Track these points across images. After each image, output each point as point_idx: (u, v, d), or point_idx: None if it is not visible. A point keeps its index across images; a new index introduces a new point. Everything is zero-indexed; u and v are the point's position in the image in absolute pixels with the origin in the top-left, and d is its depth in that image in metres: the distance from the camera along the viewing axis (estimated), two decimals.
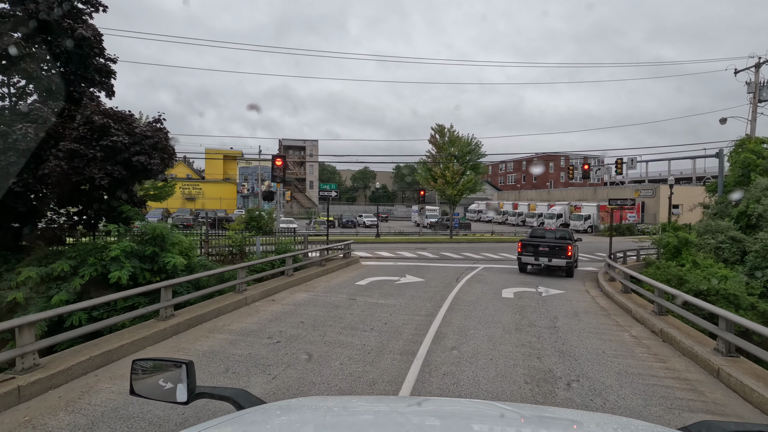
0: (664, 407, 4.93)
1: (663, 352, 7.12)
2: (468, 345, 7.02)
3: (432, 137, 34.05)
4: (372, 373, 5.70)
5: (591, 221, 47.08)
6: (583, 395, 5.18)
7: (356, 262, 17.46)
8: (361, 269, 15.94)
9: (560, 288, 13.25)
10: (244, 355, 6.37)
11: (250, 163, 72.84)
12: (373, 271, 15.41)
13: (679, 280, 16.76)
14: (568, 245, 15.43)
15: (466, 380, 5.53)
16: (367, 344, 6.97)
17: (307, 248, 16.72)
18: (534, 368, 6.03)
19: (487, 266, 18.31)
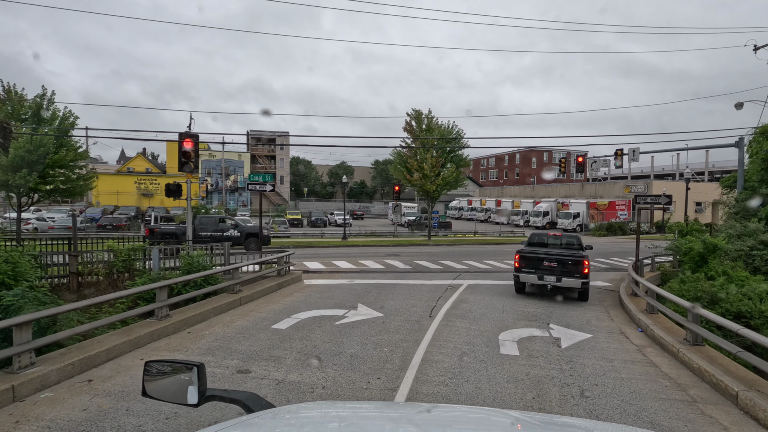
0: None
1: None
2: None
3: (407, 124, 29.66)
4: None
5: (580, 219, 43.69)
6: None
7: (296, 281, 12.89)
8: (296, 294, 11.39)
9: (582, 326, 9.01)
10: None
11: (213, 156, 67.08)
12: (312, 299, 10.89)
13: (711, 297, 13.01)
14: (583, 259, 11.25)
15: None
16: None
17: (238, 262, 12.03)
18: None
19: (473, 282, 14.02)
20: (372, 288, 12.47)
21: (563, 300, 11.85)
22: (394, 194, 31.52)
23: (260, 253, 13.67)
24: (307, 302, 10.35)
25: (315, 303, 10.30)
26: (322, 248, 25.06)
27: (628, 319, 9.88)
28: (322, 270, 15.79)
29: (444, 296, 11.61)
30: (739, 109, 24.14)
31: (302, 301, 10.52)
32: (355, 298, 11.00)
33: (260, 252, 13.81)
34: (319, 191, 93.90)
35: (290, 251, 13.23)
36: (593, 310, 10.77)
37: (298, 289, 12.03)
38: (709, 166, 78.83)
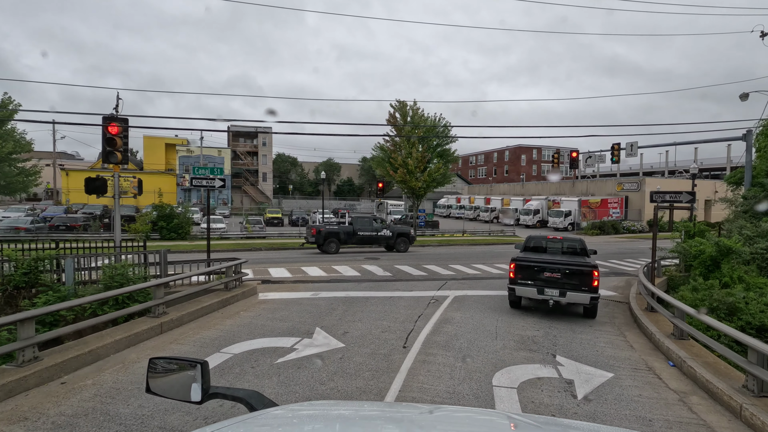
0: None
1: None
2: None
3: (391, 116, 27.58)
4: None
5: (572, 218, 42.15)
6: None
7: (248, 295, 10.72)
8: (242, 315, 9.24)
9: (597, 359, 7.05)
10: None
11: (191, 152, 64.13)
12: (260, 321, 8.75)
13: (728, 308, 11.30)
14: (592, 269, 9.31)
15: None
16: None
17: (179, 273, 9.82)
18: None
19: (460, 294, 12.03)
20: (339, 303, 10.37)
21: (566, 316, 9.92)
22: (378, 191, 29.45)
23: (208, 262, 11.45)
24: (252, 327, 8.21)
25: (261, 328, 8.16)
26: (294, 251, 22.87)
27: (651, 345, 7.96)
28: (285, 279, 13.63)
29: (425, 314, 9.57)
30: (744, 100, 22.59)
31: (246, 324, 8.37)
32: (315, 318, 8.89)
33: (208, 260, 11.60)
34: (305, 189, 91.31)
35: (241, 260, 11.05)
36: (605, 331, 8.84)
37: (247, 306, 9.87)
38: (697, 163, 78.31)
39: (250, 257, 19.23)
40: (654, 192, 10.06)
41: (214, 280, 10.76)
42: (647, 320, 9.15)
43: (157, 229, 26.34)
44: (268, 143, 72.85)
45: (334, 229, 21.96)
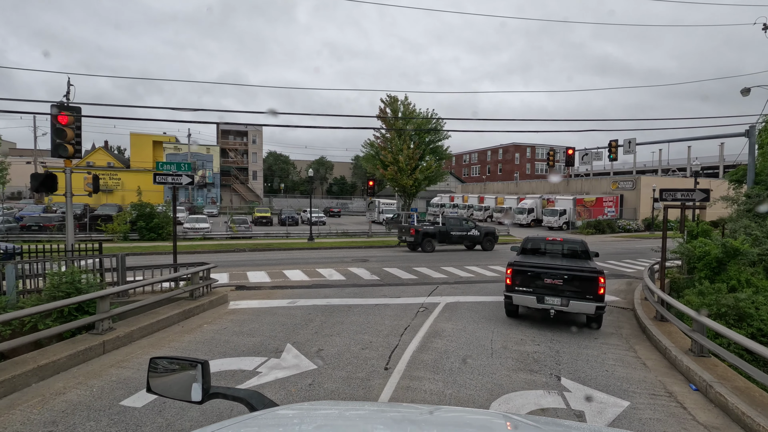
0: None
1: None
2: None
3: (381, 112, 26.57)
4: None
5: (567, 216, 41.42)
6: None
7: (216, 304, 9.66)
8: (205, 328, 8.19)
9: (608, 381, 6.10)
10: None
11: (179, 150, 62.61)
12: (224, 336, 7.71)
13: (737, 313, 10.46)
14: (598, 275, 8.37)
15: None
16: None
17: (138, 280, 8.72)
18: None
19: (452, 300, 11.06)
20: (318, 313, 9.35)
21: (568, 326, 8.99)
22: (368, 189, 28.41)
23: (173, 267, 10.35)
24: (213, 344, 7.16)
25: (224, 345, 7.12)
26: (282, 252, 21.78)
27: (666, 363, 7.03)
28: (262, 284, 12.56)
29: (413, 326, 8.58)
30: (746, 95, 21.84)
31: (207, 341, 7.32)
32: (288, 332, 7.87)
33: (175, 265, 10.49)
34: (297, 188, 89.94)
35: (209, 265, 9.97)
36: (612, 345, 7.91)
37: (213, 317, 8.80)
38: (691, 161, 78.16)
39: (231, 259, 18.18)
40: (664, 190, 9.16)
41: (181, 286, 9.67)
42: (658, 331, 8.25)
43: (136, 229, 25.09)
44: (258, 141, 71.47)
45: (431, 229, 22.67)
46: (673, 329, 8.54)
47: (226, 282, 12.64)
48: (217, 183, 64.29)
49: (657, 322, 9.11)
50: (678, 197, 8.96)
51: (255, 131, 70.56)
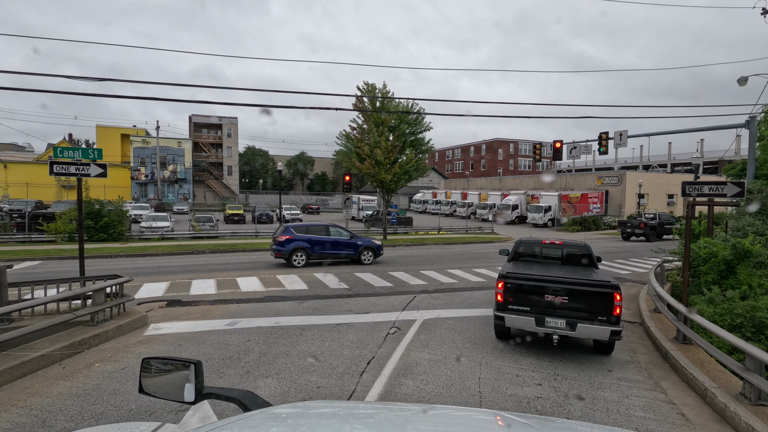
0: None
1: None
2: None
3: (358, 101, 24.51)
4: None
5: (551, 213, 40.22)
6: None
7: (133, 328, 7.54)
8: (98, 368, 6.11)
9: None
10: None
11: (148, 144, 59.17)
12: (115, 383, 5.65)
13: (755, 325, 8.91)
14: (612, 291, 6.61)
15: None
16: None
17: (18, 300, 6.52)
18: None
19: (431, 316, 9.21)
20: (260, 339, 7.35)
21: (571, 351, 7.25)
22: (344, 185, 26.38)
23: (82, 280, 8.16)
24: (90, 399, 5.09)
25: (108, 399, 5.06)
26: (245, 254, 19.60)
27: (711, 412, 5.29)
28: (203, 298, 10.43)
29: (379, 357, 6.67)
30: (743, 85, 20.56)
31: (85, 393, 5.24)
32: (210, 373, 5.84)
33: (82, 278, 8.29)
34: (276, 184, 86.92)
35: (122, 279, 7.83)
36: (633, 382, 6.16)
37: (116, 350, 6.69)
38: (670, 158, 78.50)
39: (183, 263, 15.96)
40: (688, 183, 7.49)
41: (84, 307, 7.52)
42: (686, 361, 6.54)
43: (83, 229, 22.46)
44: (233, 134, 68.37)
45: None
46: (703, 356, 6.86)
47: (158, 295, 10.48)
48: (189, 179, 61.08)
49: (679, 345, 7.43)
50: (706, 192, 7.30)
51: (230, 124, 67.48)
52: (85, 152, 8.11)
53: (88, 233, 22.52)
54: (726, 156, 47.00)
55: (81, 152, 8.10)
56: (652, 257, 20.32)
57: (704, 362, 6.57)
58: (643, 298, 11.57)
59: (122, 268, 14.57)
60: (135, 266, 15.27)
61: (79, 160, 8.06)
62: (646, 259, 20.32)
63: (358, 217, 43.05)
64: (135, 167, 57.86)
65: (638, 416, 5.08)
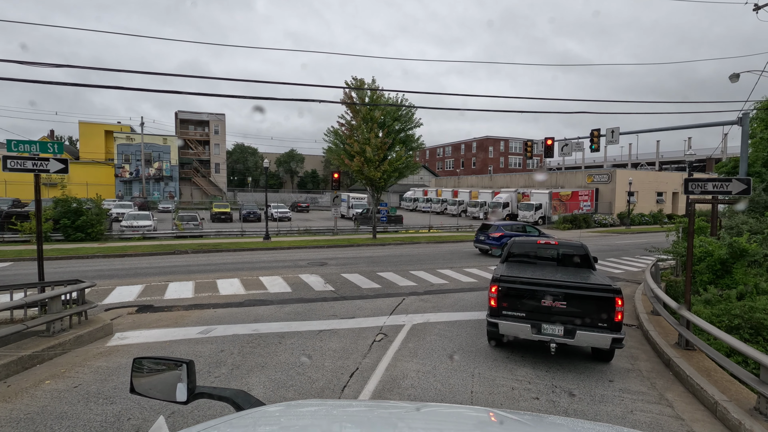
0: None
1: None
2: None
3: (347, 96, 23.89)
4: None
5: (542, 211, 40.04)
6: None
7: (95, 338, 6.90)
8: (48, 386, 5.48)
9: None
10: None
11: (132, 140, 57.77)
12: (63, 406, 5.04)
13: (753, 326, 8.62)
14: (614, 296, 6.17)
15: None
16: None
17: None
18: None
19: (420, 321, 8.71)
20: (234, 350, 6.76)
21: (569, 359, 6.80)
22: (333, 183, 25.79)
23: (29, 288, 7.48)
24: (35, 424, 4.48)
25: (52, 425, 4.46)
26: (230, 254, 18.92)
27: (722, 428, 4.86)
28: (177, 303, 9.78)
29: (363, 369, 6.14)
30: (735, 81, 20.40)
31: (27, 418, 4.62)
32: None
33: (41, 283, 7.60)
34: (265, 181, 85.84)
35: (84, 284, 7.17)
36: (636, 394, 5.72)
37: (72, 364, 6.06)
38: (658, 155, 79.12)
39: (163, 264, 15.24)
40: (690, 180, 7.07)
41: (42, 314, 6.86)
42: (692, 370, 6.13)
43: (59, 228, 21.59)
44: (221, 131, 67.14)
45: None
46: (708, 364, 6.46)
47: (129, 300, 9.82)
48: (176, 176, 59.80)
49: (682, 352, 7.03)
50: (709, 189, 6.89)
51: (217, 121, 66.28)
52: (44, 146, 7.43)
53: (65, 233, 21.62)
54: (714, 155, 47.29)
55: (39, 146, 7.41)
56: (644, 255, 20.10)
57: (710, 371, 6.16)
58: (639, 299, 11.21)
59: (97, 270, 13.84)
60: (111, 268, 14.53)
61: (37, 154, 7.37)
62: (638, 257, 20.11)
63: (348, 216, 42.45)
64: (119, 164, 56.48)
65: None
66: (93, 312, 7.73)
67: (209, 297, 10.39)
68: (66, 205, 21.93)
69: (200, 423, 1.27)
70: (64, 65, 8.92)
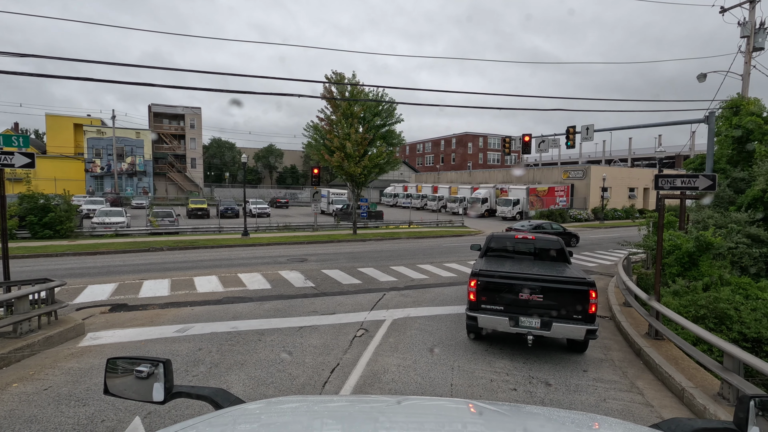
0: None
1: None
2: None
3: (327, 90, 23.68)
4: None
5: (520, 206, 40.76)
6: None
7: (66, 338, 6.66)
8: (16, 389, 5.29)
9: None
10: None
11: (104, 134, 55.81)
12: (32, 408, 4.87)
13: (717, 316, 9.04)
14: (588, 288, 6.35)
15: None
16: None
17: None
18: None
19: (401, 316, 8.77)
20: (213, 348, 6.66)
21: (545, 350, 6.98)
22: (313, 178, 25.55)
23: (5, 286, 7.17)
24: (2, 429, 4.33)
25: (20, 430, 4.31)
26: (207, 250, 18.56)
27: (689, 413, 5.10)
28: (152, 301, 9.55)
29: (344, 365, 6.15)
30: (702, 81, 21.22)
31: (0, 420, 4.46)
32: None
33: (6, 283, 7.29)
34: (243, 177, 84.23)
35: (53, 283, 6.91)
36: (609, 383, 5.92)
37: (42, 366, 5.85)
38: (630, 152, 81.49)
39: (137, 262, 14.82)
40: (660, 176, 7.34)
41: (8, 315, 6.58)
42: (660, 358, 6.39)
43: (25, 225, 20.72)
44: (197, 125, 65.53)
45: None
46: (676, 353, 6.74)
47: (102, 299, 9.52)
48: (150, 171, 58.15)
49: (652, 341, 7.31)
50: (678, 185, 7.17)
51: (193, 114, 64.65)
52: (8, 139, 7.09)
53: (32, 230, 20.76)
54: (682, 152, 49.05)
55: (3, 139, 7.07)
56: (617, 249, 20.76)
57: (678, 359, 6.43)
58: (612, 291, 11.58)
59: (67, 268, 13.37)
60: (82, 266, 14.05)
61: (0, 148, 7.04)
62: (611, 251, 20.74)
63: (328, 211, 42.21)
64: (89, 159, 54.50)
65: None
66: (63, 312, 7.47)
67: (186, 295, 10.18)
68: (32, 201, 21.04)
69: (178, 423, 1.25)
70: (23, 54, 8.52)
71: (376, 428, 1.26)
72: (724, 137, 18.97)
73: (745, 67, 19.22)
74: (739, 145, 18.27)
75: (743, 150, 18.25)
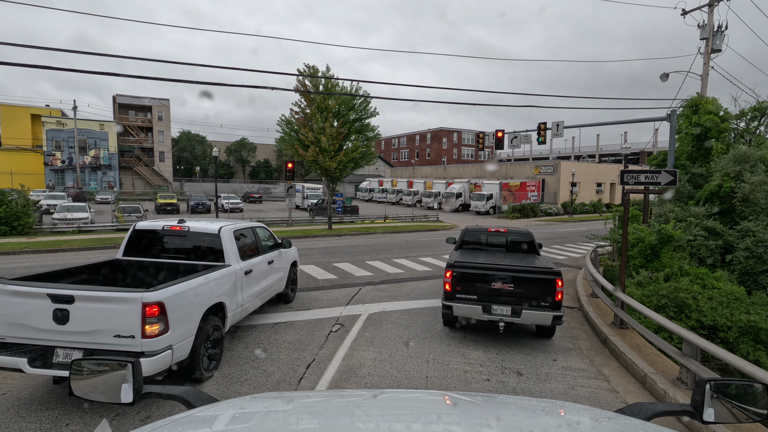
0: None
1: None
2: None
3: (300, 83, 23.33)
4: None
5: (493, 201, 41.54)
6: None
7: None
8: None
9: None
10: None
11: (64, 126, 53.14)
12: None
13: (677, 305, 9.58)
14: (555, 277, 6.57)
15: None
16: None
17: None
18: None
19: (377, 310, 8.80)
20: None
21: (517, 338, 7.18)
22: (287, 173, 25.18)
23: None
24: None
25: None
26: None
27: (651, 398, 5.37)
28: None
29: (320, 360, 6.13)
30: (665, 81, 22.12)
31: None
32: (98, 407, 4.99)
33: None
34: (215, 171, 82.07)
35: None
36: (577, 371, 6.15)
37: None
38: (598, 149, 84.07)
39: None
40: (625, 171, 7.65)
41: None
42: (625, 347, 6.68)
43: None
44: (165, 117, 63.30)
45: None
46: (639, 341, 7.07)
47: None
48: (115, 165, 55.83)
49: (617, 330, 7.63)
50: (642, 180, 7.49)
51: (161, 106, 62.41)
52: None
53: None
54: (646, 148, 51.03)
55: None
56: (585, 242, 21.50)
57: (641, 347, 6.74)
58: (580, 283, 11.99)
59: (25, 267, 12.72)
60: (43, 264, 13.40)
61: None
62: (579, 244, 21.43)
63: (303, 206, 41.82)
64: (49, 152, 51.81)
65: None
66: None
67: None
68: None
69: (148, 423, 1.22)
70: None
71: (352, 422, 1.26)
72: (685, 135, 19.88)
73: (704, 67, 20.09)
74: (698, 142, 19.13)
75: (702, 147, 19.13)
